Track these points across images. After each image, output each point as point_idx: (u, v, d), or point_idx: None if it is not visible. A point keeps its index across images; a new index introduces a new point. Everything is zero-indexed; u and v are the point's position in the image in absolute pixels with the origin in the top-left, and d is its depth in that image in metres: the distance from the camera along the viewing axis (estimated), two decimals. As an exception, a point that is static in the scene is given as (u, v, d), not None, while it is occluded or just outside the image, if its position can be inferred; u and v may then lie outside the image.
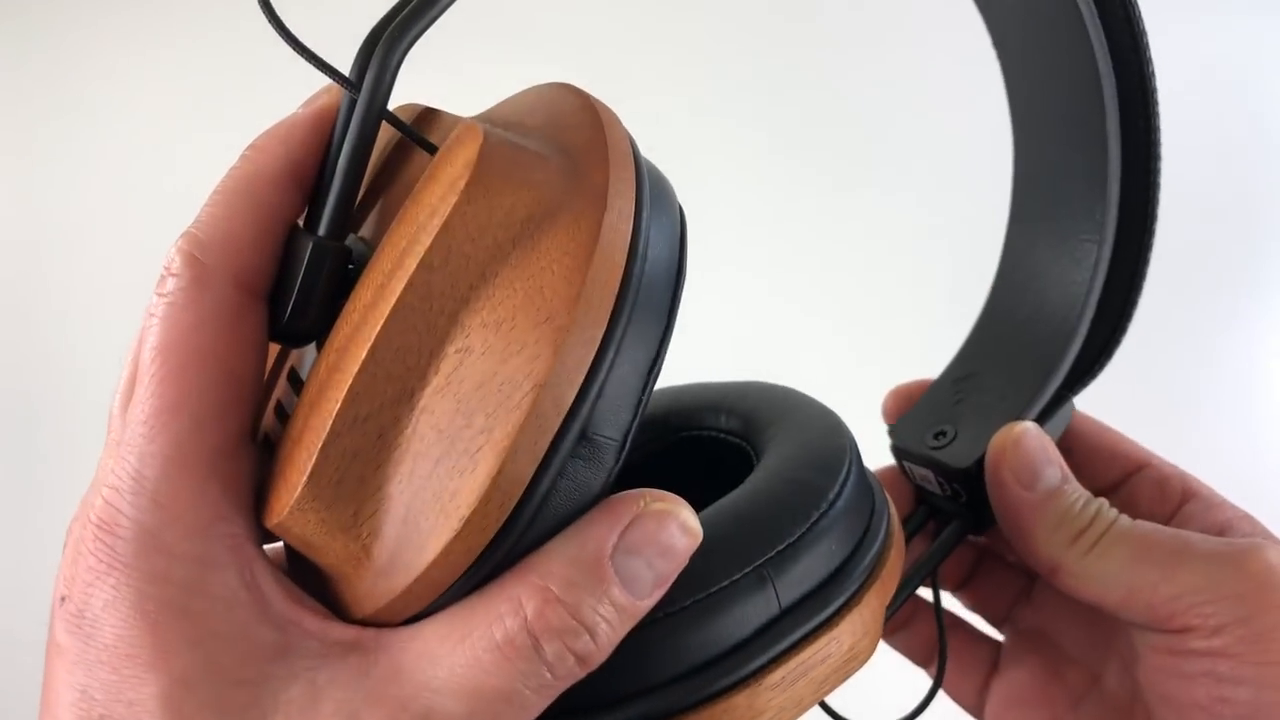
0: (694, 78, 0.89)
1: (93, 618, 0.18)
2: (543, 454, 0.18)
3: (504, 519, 0.18)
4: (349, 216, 0.20)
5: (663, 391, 0.30)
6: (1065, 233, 0.29)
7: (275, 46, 0.24)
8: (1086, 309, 0.29)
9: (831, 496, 0.23)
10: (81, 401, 0.91)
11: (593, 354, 0.18)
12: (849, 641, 0.22)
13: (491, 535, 0.18)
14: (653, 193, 0.20)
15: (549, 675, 0.18)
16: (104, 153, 0.92)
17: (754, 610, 0.21)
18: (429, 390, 0.18)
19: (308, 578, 0.20)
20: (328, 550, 0.19)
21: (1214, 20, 0.90)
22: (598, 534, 0.18)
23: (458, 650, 0.18)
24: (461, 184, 0.18)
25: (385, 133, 0.22)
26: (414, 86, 0.26)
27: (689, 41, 0.88)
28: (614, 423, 0.19)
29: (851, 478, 0.24)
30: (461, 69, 0.64)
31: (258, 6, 0.19)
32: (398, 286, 0.18)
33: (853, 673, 0.23)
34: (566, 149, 0.20)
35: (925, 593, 0.31)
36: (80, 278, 0.92)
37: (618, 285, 0.18)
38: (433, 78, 0.27)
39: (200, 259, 0.19)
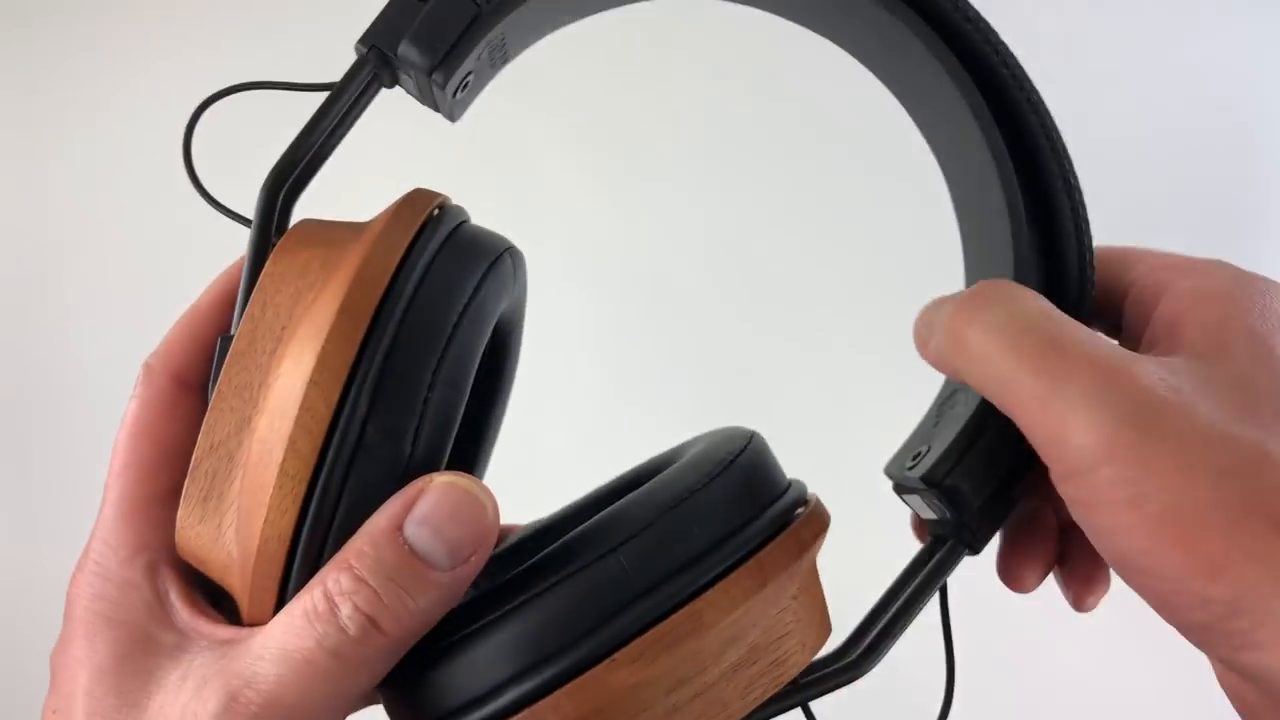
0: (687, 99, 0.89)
1: (66, 633, 0.24)
2: (320, 440, 0.21)
3: (299, 503, 0.21)
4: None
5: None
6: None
7: (273, 50, 0.25)
8: None
9: (693, 486, 0.24)
10: (81, 401, 0.91)
11: (352, 356, 0.22)
12: (714, 617, 0.23)
13: (293, 519, 0.22)
14: (453, 237, 0.24)
15: (344, 635, 0.21)
16: (104, 153, 0.92)
17: (609, 590, 0.22)
18: (257, 414, 0.22)
19: (220, 597, 0.24)
20: (212, 563, 0.23)
21: (1214, 19, 0.90)
22: (389, 509, 0.22)
23: (280, 623, 0.22)
24: (274, 252, 0.24)
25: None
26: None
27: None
28: (390, 417, 0.22)
29: (724, 474, 0.24)
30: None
31: (180, 158, 0.26)
32: (235, 340, 0.23)
33: (762, 652, 0.24)
34: (370, 221, 0.25)
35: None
36: (80, 278, 0.92)
37: (378, 299, 0.22)
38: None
39: (149, 363, 0.26)
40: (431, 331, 0.23)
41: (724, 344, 0.86)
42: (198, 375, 0.25)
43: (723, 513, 0.24)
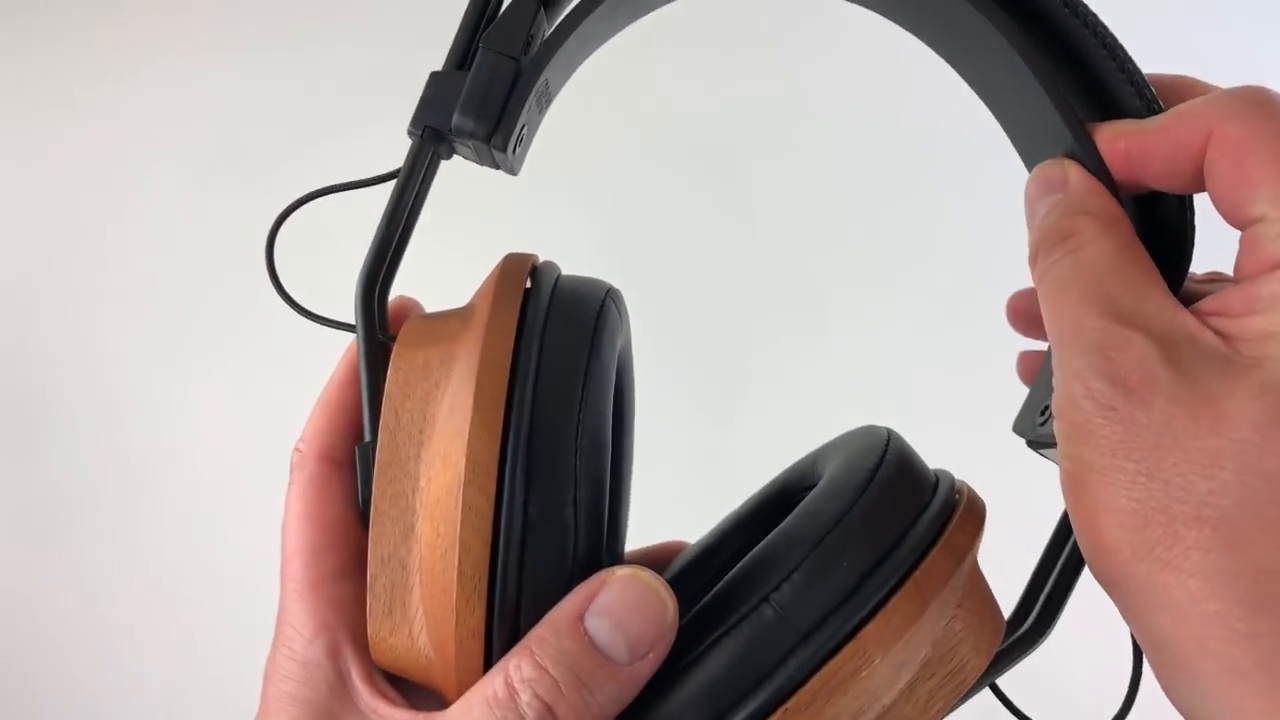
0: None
1: (260, 713, 0.25)
2: (489, 535, 0.22)
3: (484, 598, 0.22)
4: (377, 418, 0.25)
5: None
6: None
7: (273, 52, 0.25)
8: None
9: (834, 518, 0.24)
10: (80, 402, 0.91)
11: (497, 447, 0.22)
12: (879, 649, 0.22)
13: (482, 615, 0.22)
14: (555, 300, 0.25)
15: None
16: (105, 153, 0.92)
17: (770, 641, 0.22)
18: (419, 520, 0.23)
19: (422, 698, 0.25)
20: (413, 669, 0.24)
21: (1214, 19, 0.90)
22: (572, 600, 0.22)
23: (459, 709, 0.22)
24: (393, 358, 0.25)
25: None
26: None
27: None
28: (548, 494, 0.22)
29: (865, 498, 0.24)
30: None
31: (271, 286, 0.26)
32: (378, 451, 0.24)
33: (936, 665, 0.24)
34: (472, 303, 0.26)
35: None
36: (80, 278, 0.92)
37: (505, 385, 0.23)
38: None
39: (299, 449, 0.27)
40: (563, 402, 0.23)
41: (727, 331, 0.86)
42: (345, 453, 0.27)
43: (872, 536, 0.23)
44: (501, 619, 0.22)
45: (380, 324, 0.26)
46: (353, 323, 0.26)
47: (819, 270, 0.86)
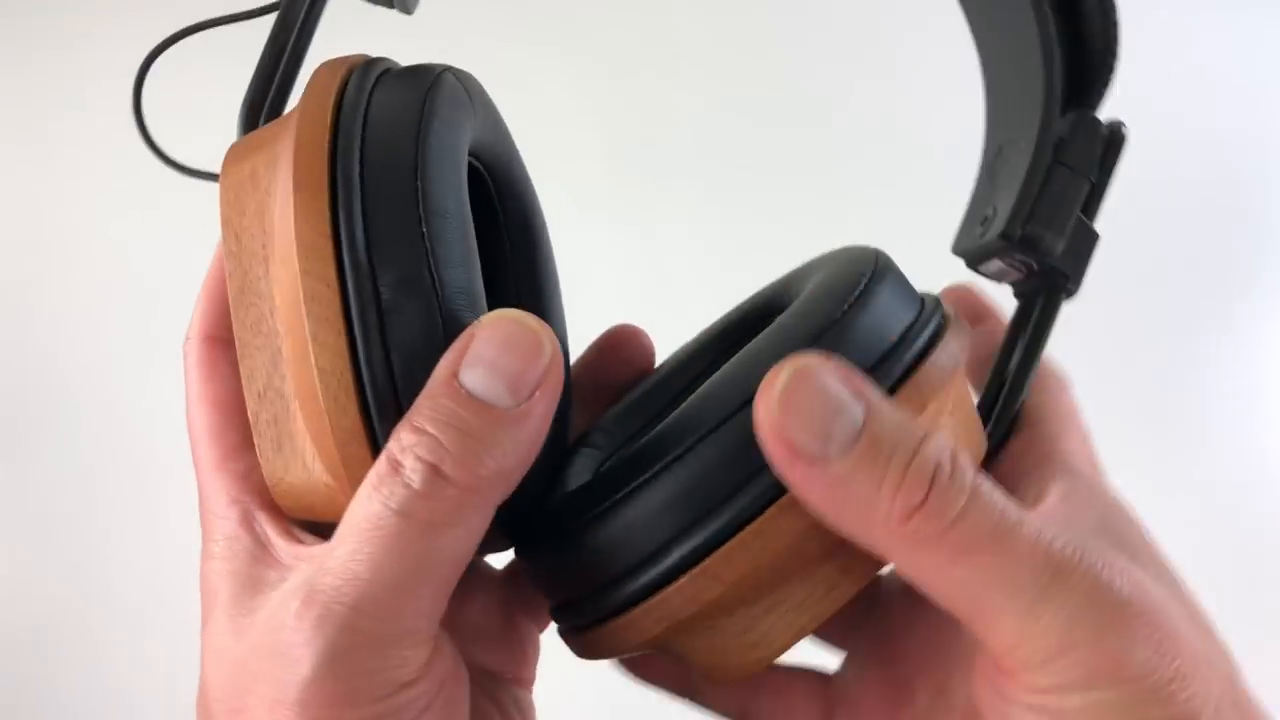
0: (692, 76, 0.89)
1: (203, 606, 0.24)
2: (341, 322, 0.20)
3: (354, 395, 0.20)
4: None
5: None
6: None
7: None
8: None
9: (822, 324, 0.22)
10: (80, 402, 0.91)
11: (327, 227, 0.20)
12: None
13: (357, 413, 0.20)
14: (381, 79, 0.22)
15: (409, 490, 0.19)
16: (105, 152, 0.92)
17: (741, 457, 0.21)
18: (282, 340, 0.21)
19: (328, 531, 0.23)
20: (319, 505, 0.22)
21: (1214, 17, 0.90)
22: (442, 362, 0.20)
23: (354, 502, 0.20)
24: (221, 179, 0.22)
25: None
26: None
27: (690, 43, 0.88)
28: (397, 269, 0.20)
29: (861, 296, 0.22)
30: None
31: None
32: (228, 281, 0.22)
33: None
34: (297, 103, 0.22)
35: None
36: (81, 278, 0.92)
37: (325, 161, 0.20)
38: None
39: (187, 337, 0.26)
40: (395, 169, 0.21)
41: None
42: (227, 330, 0.25)
43: (864, 341, 0.22)
44: (381, 413, 0.20)
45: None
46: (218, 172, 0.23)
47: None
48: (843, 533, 0.20)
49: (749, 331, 0.26)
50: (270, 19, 0.25)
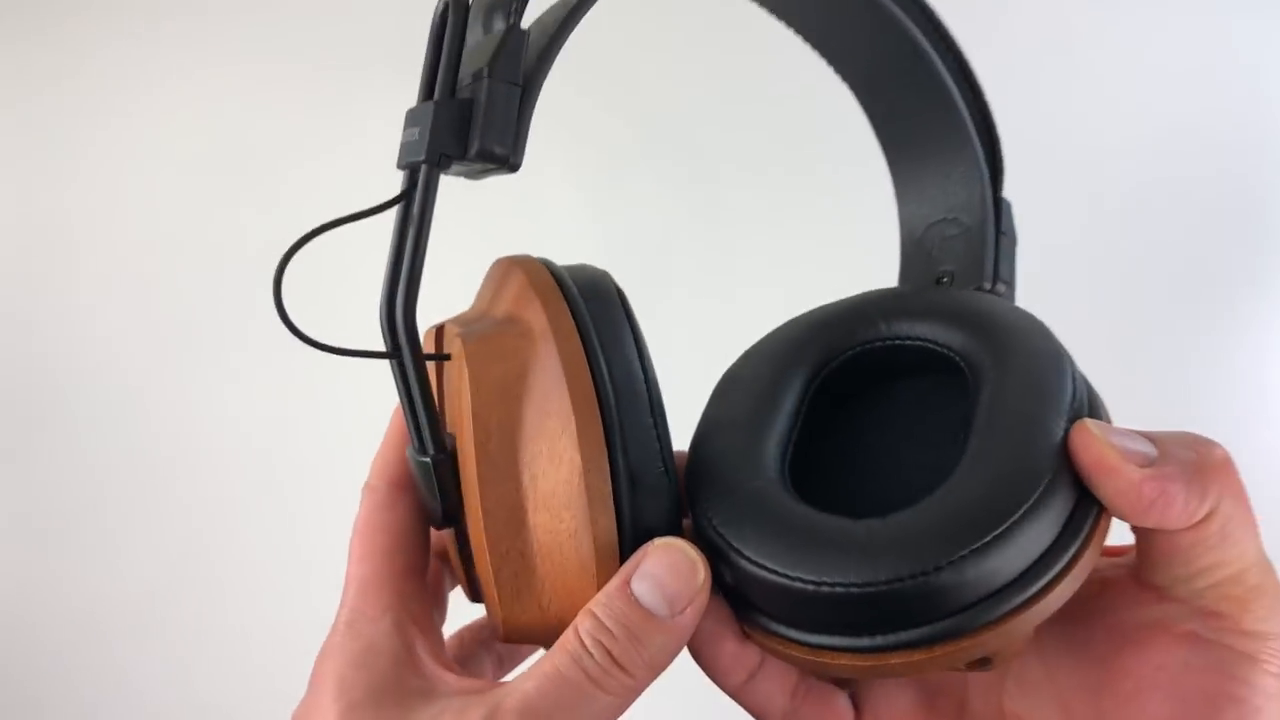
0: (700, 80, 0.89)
1: (313, 686, 0.27)
2: (613, 510, 0.26)
3: (617, 558, 0.26)
4: (437, 429, 0.28)
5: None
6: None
7: (274, 51, 0.24)
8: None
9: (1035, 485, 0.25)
10: (80, 402, 0.91)
11: (601, 430, 0.26)
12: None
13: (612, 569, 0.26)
14: (583, 291, 0.28)
15: (590, 659, 0.25)
16: (107, 151, 0.92)
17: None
18: (530, 512, 0.27)
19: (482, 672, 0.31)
20: (542, 634, 0.28)
21: (1215, 19, 0.90)
22: (622, 569, 0.26)
23: (548, 656, 0.26)
24: (468, 385, 0.27)
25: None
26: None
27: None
28: (651, 463, 0.27)
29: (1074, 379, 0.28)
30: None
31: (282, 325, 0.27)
32: (474, 466, 0.27)
33: None
34: (511, 314, 0.29)
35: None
36: (82, 277, 0.92)
37: (591, 380, 0.27)
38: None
39: (368, 483, 0.31)
40: (635, 388, 0.27)
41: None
42: (407, 478, 0.31)
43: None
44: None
45: (415, 347, 0.28)
46: (382, 350, 0.28)
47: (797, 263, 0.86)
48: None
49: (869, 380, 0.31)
50: (391, 211, 0.28)
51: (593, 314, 0.28)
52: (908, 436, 0.29)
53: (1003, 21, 0.95)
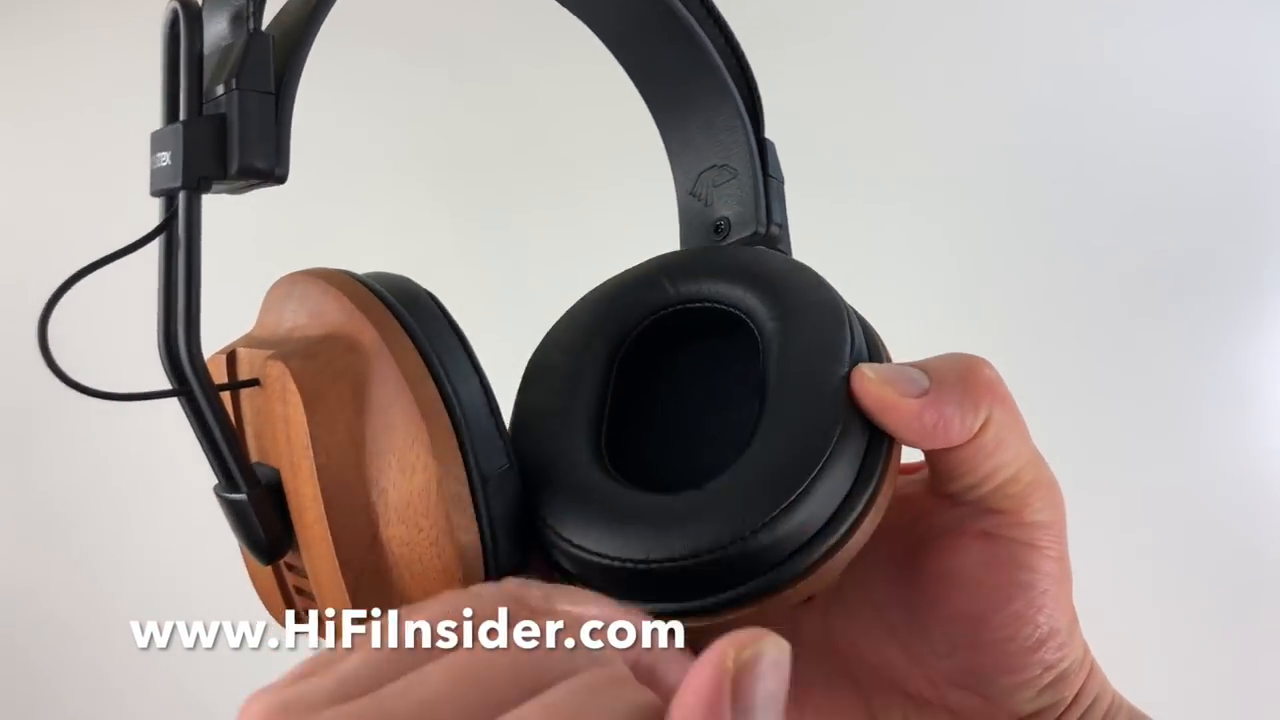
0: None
1: None
2: (473, 512, 0.26)
3: (481, 558, 0.26)
4: (245, 463, 0.28)
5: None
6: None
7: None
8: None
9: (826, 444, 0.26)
10: (81, 402, 0.91)
11: (453, 436, 0.26)
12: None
13: (481, 572, 0.26)
14: (401, 301, 0.28)
15: None
16: (107, 150, 0.92)
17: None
18: (382, 526, 0.26)
19: None
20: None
21: (1214, 20, 0.90)
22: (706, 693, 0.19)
23: None
24: (300, 409, 0.26)
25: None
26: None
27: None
28: (497, 460, 0.27)
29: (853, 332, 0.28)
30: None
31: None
32: (311, 490, 0.26)
33: None
34: (333, 331, 0.28)
35: None
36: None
37: (435, 389, 0.26)
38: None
39: None
40: (474, 389, 0.27)
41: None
42: None
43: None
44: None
45: (205, 380, 0.27)
46: (168, 389, 0.27)
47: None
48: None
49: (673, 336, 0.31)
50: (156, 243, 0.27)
51: (420, 323, 0.28)
52: (711, 398, 0.30)
53: (999, 25, 0.95)
